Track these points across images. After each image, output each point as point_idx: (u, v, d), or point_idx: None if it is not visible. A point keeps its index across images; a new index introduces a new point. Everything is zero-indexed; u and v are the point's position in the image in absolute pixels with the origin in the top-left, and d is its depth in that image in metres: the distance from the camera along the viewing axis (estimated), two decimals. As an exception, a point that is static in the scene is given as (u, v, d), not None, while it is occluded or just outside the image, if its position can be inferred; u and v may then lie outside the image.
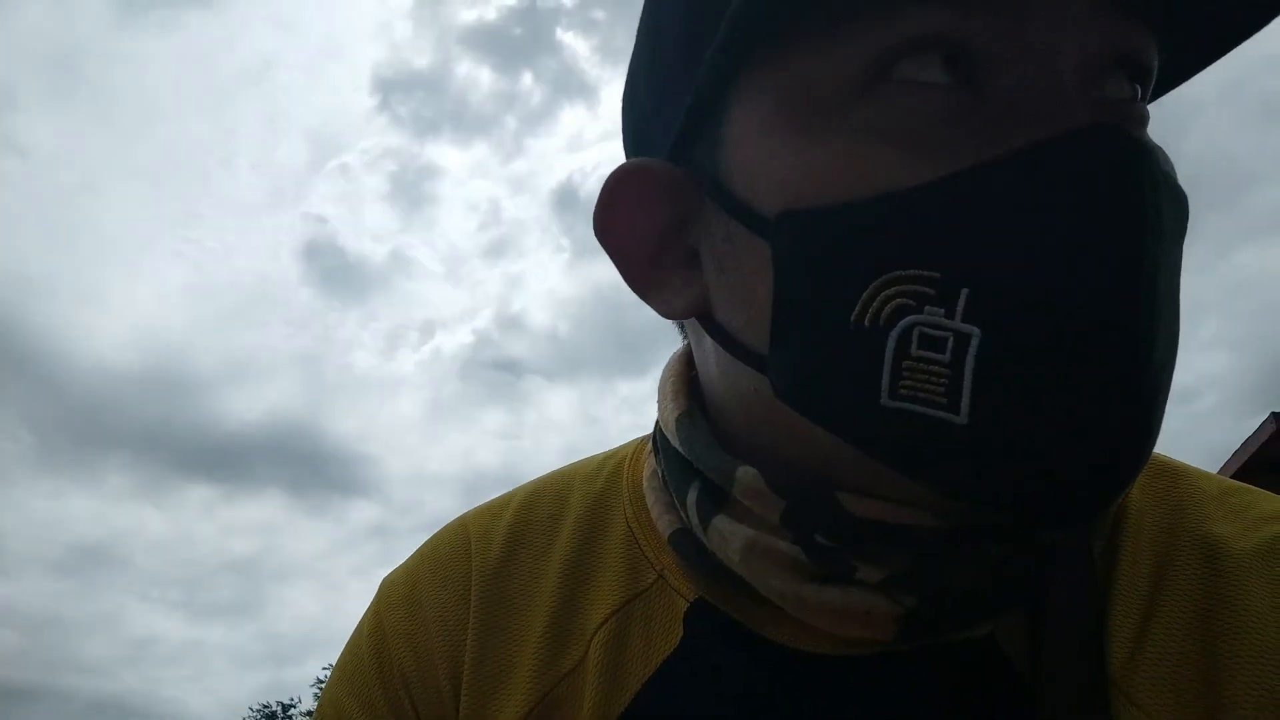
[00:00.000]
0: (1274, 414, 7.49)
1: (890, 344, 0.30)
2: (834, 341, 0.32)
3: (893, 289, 0.30)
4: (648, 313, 0.41)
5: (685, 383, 0.44)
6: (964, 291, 0.29)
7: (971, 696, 0.36)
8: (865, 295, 0.31)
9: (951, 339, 0.29)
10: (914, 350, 0.30)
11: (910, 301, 0.30)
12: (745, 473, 0.37)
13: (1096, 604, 0.36)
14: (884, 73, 0.31)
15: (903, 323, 0.30)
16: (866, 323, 0.31)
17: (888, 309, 0.30)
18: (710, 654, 0.39)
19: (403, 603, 0.47)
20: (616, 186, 0.39)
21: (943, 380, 0.30)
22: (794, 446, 0.36)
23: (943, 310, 0.29)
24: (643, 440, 0.49)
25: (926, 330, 0.30)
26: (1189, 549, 0.37)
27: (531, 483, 0.50)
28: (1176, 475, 0.40)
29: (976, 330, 0.29)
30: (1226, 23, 0.34)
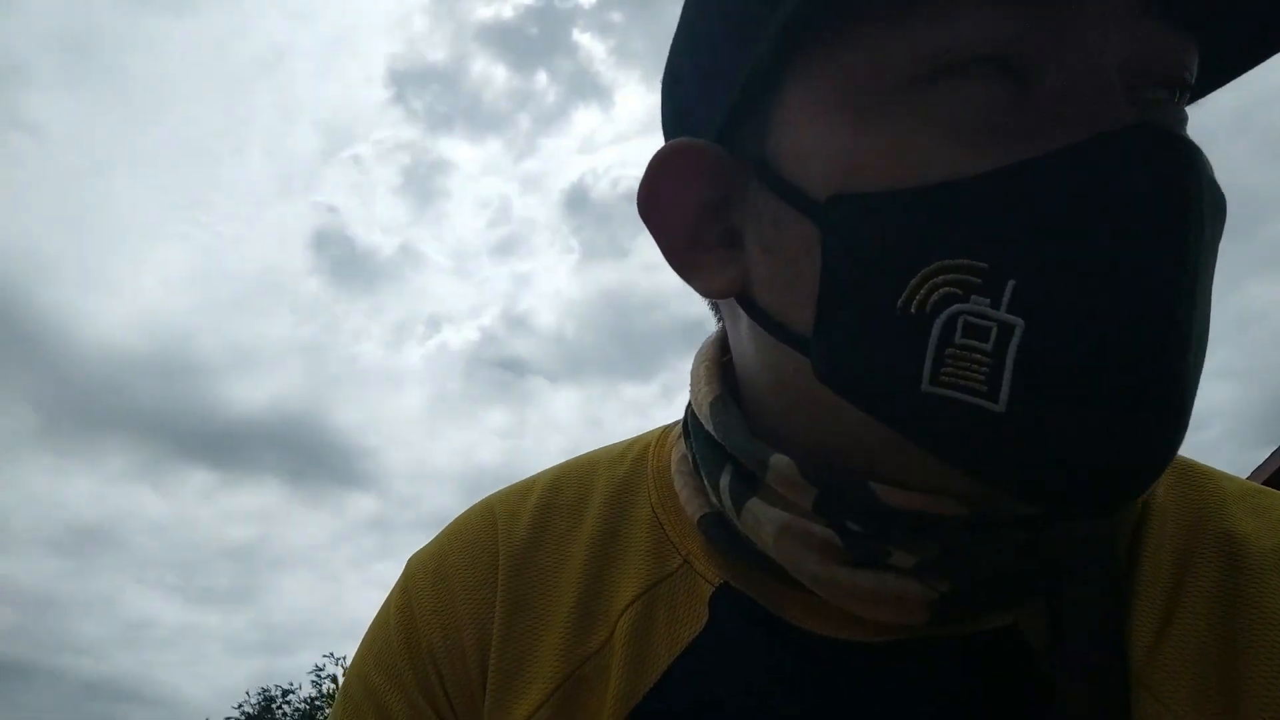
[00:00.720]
0: (1282, 446, 7.43)
1: (935, 331, 0.31)
2: (879, 326, 0.33)
3: (940, 277, 0.31)
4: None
5: (719, 367, 0.45)
6: (1010, 283, 0.30)
7: (994, 685, 0.36)
8: (914, 282, 0.32)
9: (995, 329, 0.30)
10: (958, 339, 0.31)
11: (957, 290, 0.31)
12: (779, 460, 0.37)
13: (1119, 597, 0.36)
14: (938, 68, 0.32)
15: (949, 310, 0.31)
16: (913, 309, 0.32)
17: (935, 296, 0.31)
18: (736, 637, 0.40)
19: (431, 580, 0.47)
20: (663, 164, 0.40)
21: (984, 369, 0.31)
22: (829, 432, 0.37)
23: (989, 300, 0.30)
24: (666, 428, 0.50)
25: (971, 319, 0.31)
26: (1211, 546, 0.37)
27: (555, 467, 0.51)
28: (1200, 474, 0.41)
29: (1021, 321, 0.30)
30: (1258, 37, 0.35)
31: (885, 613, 0.36)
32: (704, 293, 0.41)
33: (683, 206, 0.40)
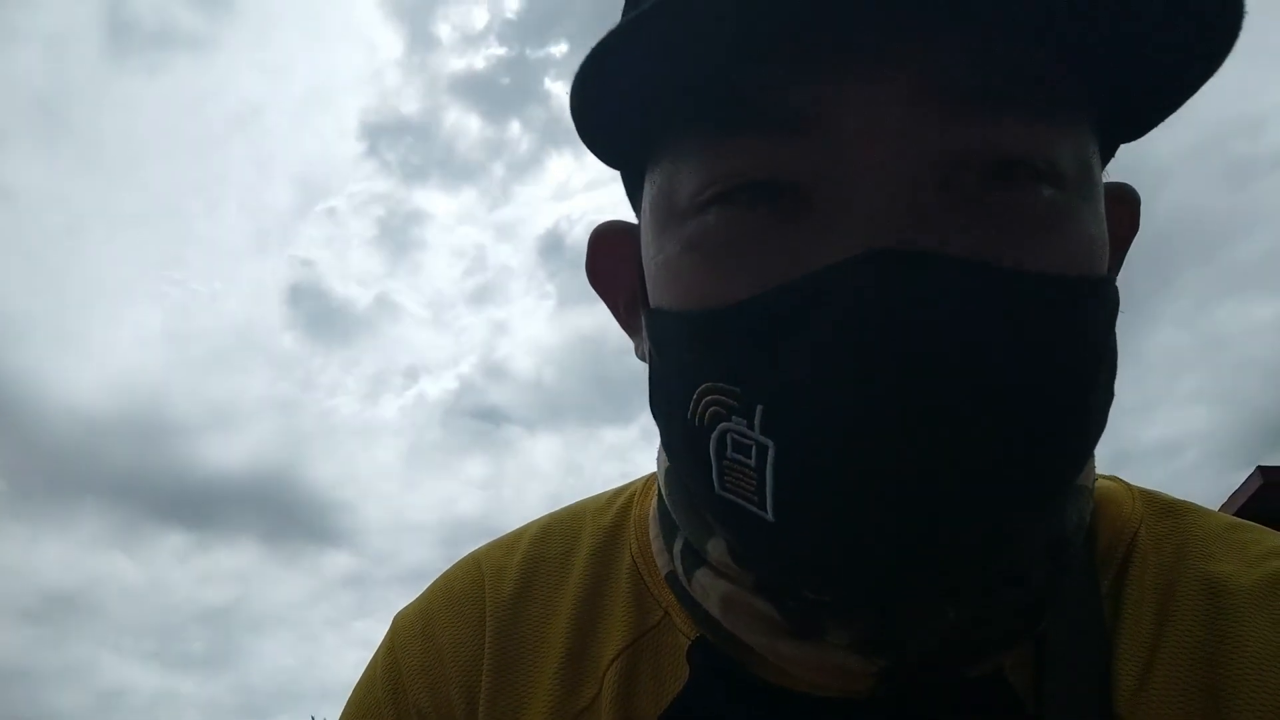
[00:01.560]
0: (1260, 468, 7.52)
1: (713, 444, 0.34)
2: (680, 432, 0.36)
3: (709, 397, 0.34)
4: (633, 360, 0.44)
5: None
6: (759, 407, 0.32)
7: None
8: (694, 397, 0.34)
9: (754, 447, 0.32)
10: (729, 453, 0.33)
11: (722, 410, 0.33)
12: (716, 545, 0.38)
13: (1102, 641, 0.37)
14: (709, 198, 0.34)
15: (719, 427, 0.33)
16: (696, 422, 0.34)
17: (708, 414, 0.34)
18: (716, 695, 0.40)
19: (418, 637, 0.47)
20: (599, 240, 0.45)
21: (752, 481, 0.33)
22: None
23: (745, 422, 0.32)
24: (652, 475, 0.50)
25: (736, 437, 0.33)
26: (1192, 586, 0.38)
27: (544, 518, 0.51)
28: (1180, 514, 0.42)
29: (771, 443, 0.32)
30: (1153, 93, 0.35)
31: (832, 682, 0.37)
32: (639, 357, 0.42)
33: (620, 277, 0.43)
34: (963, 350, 0.30)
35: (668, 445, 0.39)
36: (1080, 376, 0.33)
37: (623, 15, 0.41)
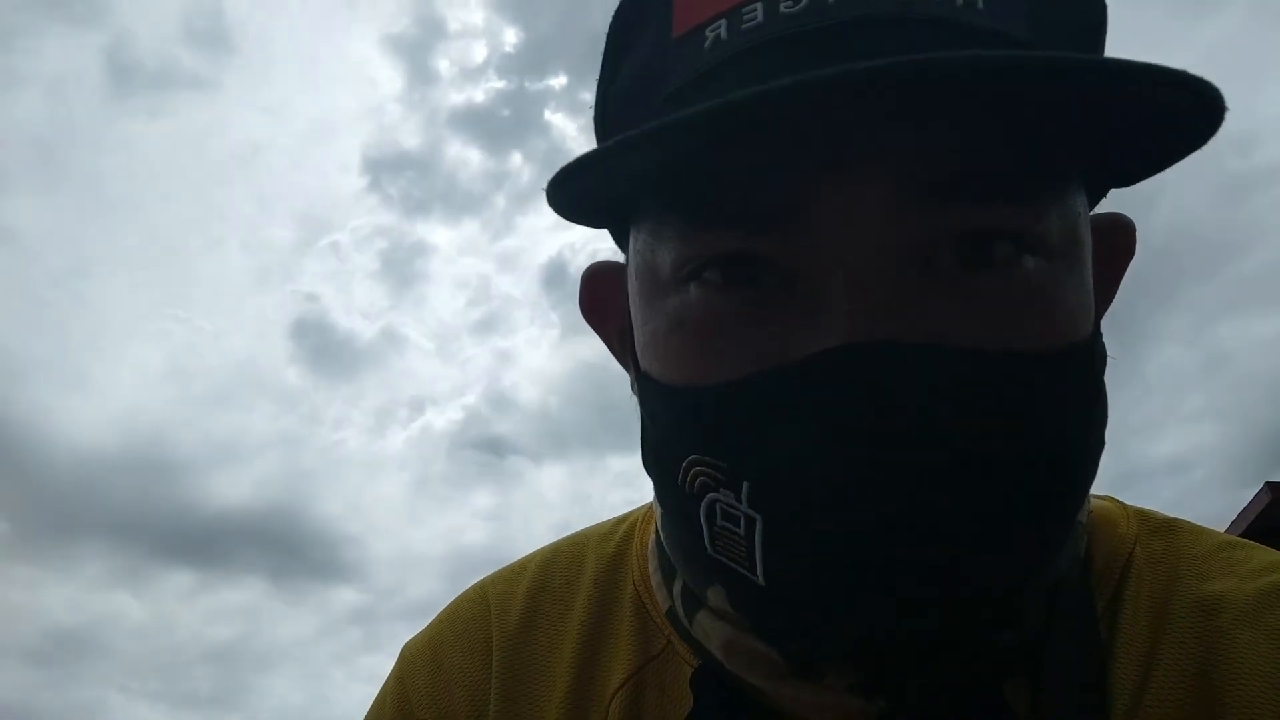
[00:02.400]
0: (1268, 484, 7.48)
1: (702, 511, 0.34)
2: (672, 495, 0.37)
3: (696, 468, 0.34)
4: None
5: None
6: (745, 483, 0.33)
7: None
8: (683, 466, 0.35)
9: (743, 519, 0.33)
10: (718, 521, 0.34)
11: (709, 481, 0.34)
12: (715, 594, 0.38)
13: (1098, 662, 0.37)
14: (688, 274, 0.34)
15: (708, 497, 0.34)
16: (686, 489, 0.35)
17: (697, 483, 0.34)
18: None
19: (426, 667, 0.47)
20: (591, 278, 0.45)
21: (742, 548, 0.33)
22: None
23: (733, 494, 0.33)
24: (651, 504, 0.50)
25: (725, 507, 0.34)
26: (1186, 604, 0.38)
27: (548, 546, 0.52)
28: (1175, 532, 0.42)
29: (759, 516, 0.33)
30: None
31: (834, 717, 0.37)
32: (633, 390, 0.42)
33: (612, 312, 0.43)
34: (944, 431, 0.30)
35: (661, 502, 0.40)
36: (1068, 438, 0.33)
37: (600, 72, 0.41)
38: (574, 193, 0.34)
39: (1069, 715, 0.36)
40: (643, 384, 0.38)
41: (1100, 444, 0.35)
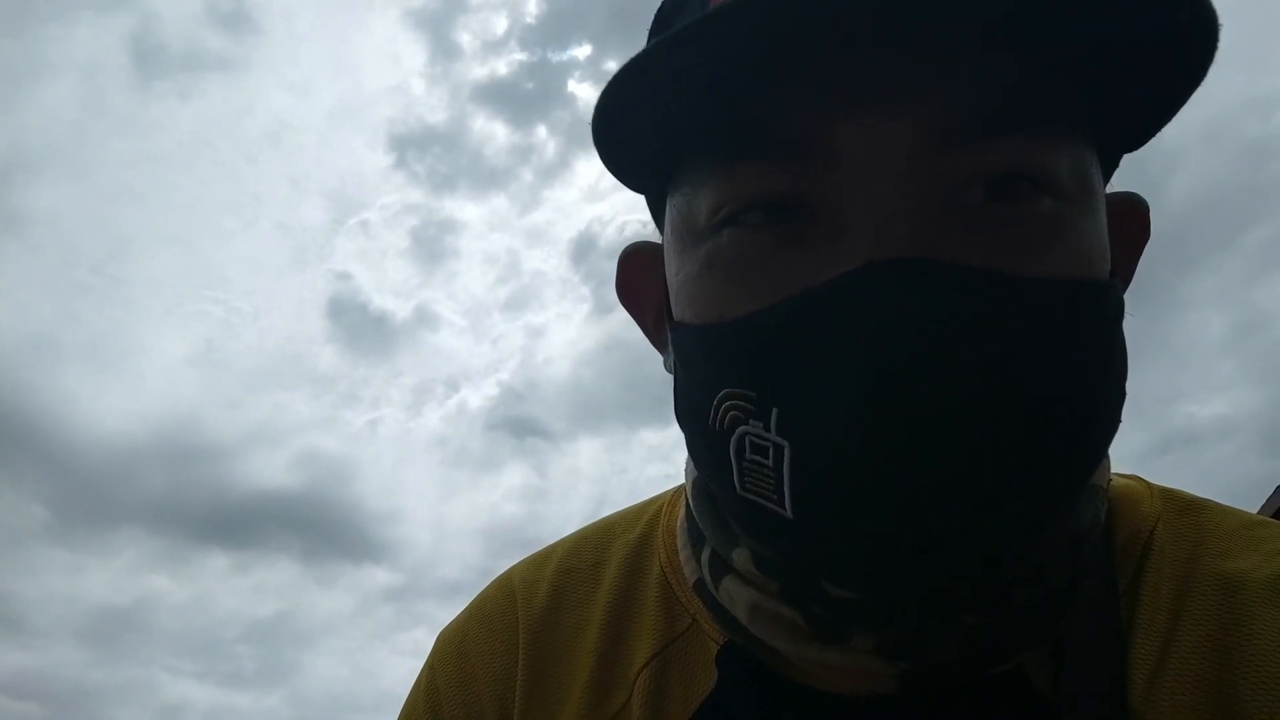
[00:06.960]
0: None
1: (732, 447, 0.35)
2: (703, 438, 0.37)
3: (728, 402, 0.35)
4: None
5: None
6: (775, 410, 0.33)
7: None
8: (714, 404, 0.36)
9: (771, 448, 0.34)
10: (748, 455, 0.35)
11: (740, 414, 0.35)
12: (741, 555, 0.39)
13: (1118, 637, 0.37)
14: (722, 220, 0.36)
15: (738, 431, 0.35)
16: (716, 427, 0.36)
17: (727, 418, 0.35)
18: (744, 697, 0.41)
19: (453, 656, 0.49)
20: (626, 261, 0.46)
21: (771, 480, 0.34)
22: None
23: (762, 424, 0.34)
24: (680, 487, 0.51)
25: (754, 439, 0.34)
26: (1206, 583, 0.38)
27: (575, 533, 0.53)
28: (1198, 511, 0.42)
29: (786, 443, 0.33)
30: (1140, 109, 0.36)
31: (856, 685, 0.38)
32: (668, 369, 0.43)
33: (647, 294, 0.45)
34: (964, 350, 0.31)
35: (692, 450, 0.40)
36: (1085, 375, 0.34)
37: (648, 40, 0.42)
38: (619, 115, 0.35)
39: (1089, 690, 0.36)
40: (677, 334, 0.39)
41: (1122, 393, 0.36)
